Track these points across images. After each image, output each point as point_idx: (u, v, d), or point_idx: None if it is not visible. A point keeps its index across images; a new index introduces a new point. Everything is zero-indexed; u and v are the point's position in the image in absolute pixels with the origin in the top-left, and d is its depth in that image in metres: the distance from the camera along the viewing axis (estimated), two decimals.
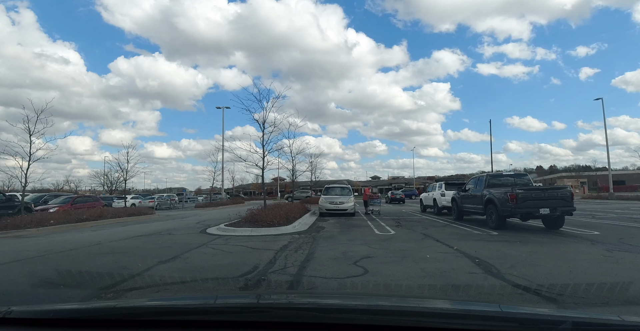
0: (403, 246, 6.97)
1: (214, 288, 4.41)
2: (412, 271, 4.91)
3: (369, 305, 1.55)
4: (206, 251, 6.80)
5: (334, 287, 4.26)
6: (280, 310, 1.38)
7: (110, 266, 5.46)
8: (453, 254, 6.10)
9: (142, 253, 6.68)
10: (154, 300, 2.66)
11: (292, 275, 4.74)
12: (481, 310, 1.44)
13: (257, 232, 9.46)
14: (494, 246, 6.92)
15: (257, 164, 13.23)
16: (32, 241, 8.94)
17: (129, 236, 9.44)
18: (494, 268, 4.94)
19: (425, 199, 18.12)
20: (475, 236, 8.34)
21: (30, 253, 6.85)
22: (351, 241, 7.75)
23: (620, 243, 6.96)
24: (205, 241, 8.20)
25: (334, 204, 15.31)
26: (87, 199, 19.39)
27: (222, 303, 1.64)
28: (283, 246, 7.12)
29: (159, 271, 5.07)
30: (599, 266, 5.08)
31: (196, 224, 12.65)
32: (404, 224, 11.43)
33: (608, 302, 3.53)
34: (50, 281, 4.73)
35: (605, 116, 31.54)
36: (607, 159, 31.70)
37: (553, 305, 3.44)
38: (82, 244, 8.07)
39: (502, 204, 9.28)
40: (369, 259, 5.75)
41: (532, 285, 4.02)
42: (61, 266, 5.56)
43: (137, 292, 4.17)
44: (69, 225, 12.39)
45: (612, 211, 15.65)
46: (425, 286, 4.18)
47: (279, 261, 5.64)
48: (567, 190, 9.43)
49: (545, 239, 7.81)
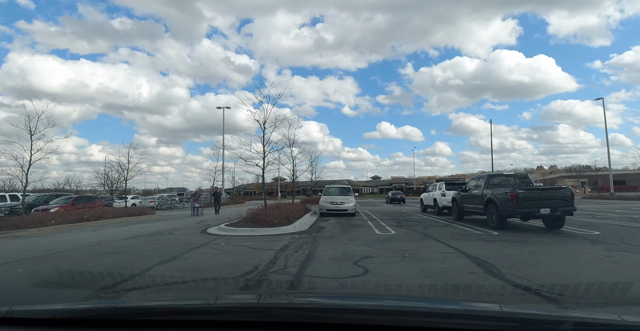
0: (403, 246, 6.96)
1: (215, 288, 4.41)
2: (412, 271, 4.90)
3: (369, 304, 1.55)
4: (207, 251, 6.80)
5: (334, 287, 4.26)
6: (280, 309, 1.38)
7: (111, 266, 5.47)
8: (453, 254, 6.10)
9: (142, 253, 6.68)
10: (155, 300, 2.66)
11: (293, 275, 4.74)
12: (482, 310, 1.44)
13: (258, 232, 9.46)
14: (495, 246, 6.91)
15: (257, 164, 13.22)
16: (33, 241, 8.95)
17: (130, 236, 9.44)
18: (495, 268, 4.93)
19: (425, 199, 18.10)
20: (475, 236, 8.34)
21: (30, 253, 6.86)
22: (351, 241, 7.75)
23: (620, 243, 6.95)
24: (206, 241, 8.20)
25: (335, 205, 15.30)
26: (88, 199, 19.39)
27: (222, 303, 1.64)
28: (283, 246, 7.12)
29: (159, 271, 5.07)
30: (600, 266, 5.07)
31: (196, 224, 12.66)
32: (404, 224, 11.43)
33: (609, 302, 3.52)
34: (51, 281, 4.74)
35: (605, 116, 31.55)
36: (608, 159, 31.76)
37: (554, 305, 3.44)
38: (83, 244, 8.08)
39: (503, 204, 9.27)
40: (369, 259, 5.75)
41: (532, 285, 4.01)
42: (62, 266, 5.56)
43: (137, 292, 4.17)
44: (70, 225, 12.41)
45: (612, 211, 15.64)
46: (425, 286, 4.18)
47: (279, 261, 5.64)
48: (568, 190, 9.41)
49: (546, 239, 7.80)
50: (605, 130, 31.18)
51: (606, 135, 31.27)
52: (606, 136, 31.30)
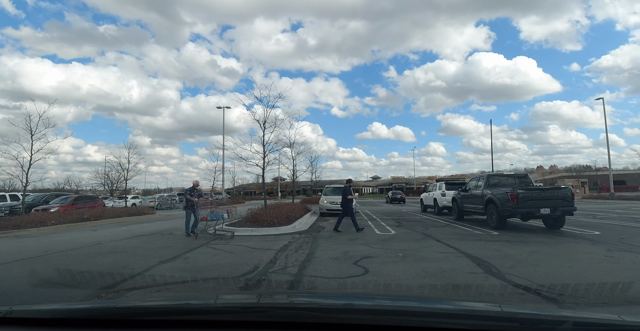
0: (403, 246, 6.96)
1: (215, 287, 4.41)
2: (412, 271, 4.90)
3: (369, 304, 1.55)
4: (207, 251, 6.80)
5: (334, 287, 4.26)
6: (280, 309, 1.38)
7: (111, 265, 5.47)
8: (453, 254, 6.10)
9: (142, 253, 6.68)
10: (155, 299, 2.66)
11: (293, 275, 4.74)
12: (482, 310, 1.44)
13: (258, 232, 9.46)
14: (495, 246, 6.91)
15: (257, 164, 13.23)
16: (33, 240, 8.95)
17: (130, 236, 9.45)
18: (495, 268, 4.93)
19: (425, 199, 18.10)
20: (475, 236, 8.34)
21: (30, 253, 6.86)
22: (352, 241, 7.75)
23: (620, 243, 6.95)
24: (206, 241, 8.20)
25: (335, 204, 15.27)
26: (88, 199, 19.40)
27: (222, 302, 1.64)
28: (283, 246, 7.11)
29: (159, 271, 5.07)
30: (600, 266, 5.07)
31: None
32: (404, 224, 11.42)
33: (609, 302, 3.53)
34: (51, 281, 4.74)
35: (605, 116, 31.55)
36: (608, 159, 31.75)
37: (554, 305, 3.44)
38: (83, 244, 8.08)
39: (503, 204, 9.27)
40: (369, 259, 5.75)
41: (532, 285, 4.01)
42: (62, 265, 5.56)
43: (137, 292, 4.17)
44: (70, 225, 12.41)
45: (612, 211, 15.63)
46: (425, 286, 4.18)
47: (279, 261, 5.64)
48: (568, 190, 9.40)
49: (546, 239, 7.80)
50: (606, 130, 31.24)
51: (606, 135, 31.31)
52: (606, 136, 31.35)
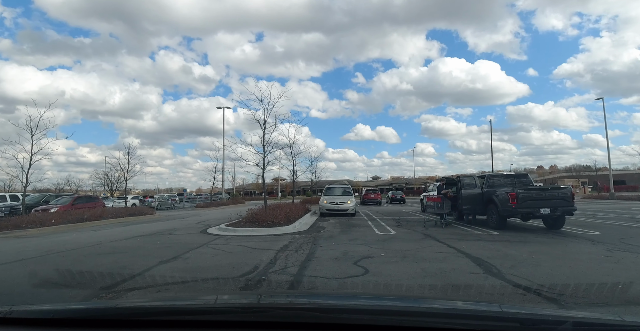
0: (403, 246, 6.96)
1: (215, 288, 4.41)
2: (412, 271, 4.90)
3: (369, 305, 1.55)
4: (207, 251, 6.80)
5: (334, 287, 4.26)
6: (281, 310, 1.38)
7: (111, 266, 5.47)
8: (453, 254, 6.10)
9: (142, 253, 6.68)
10: (155, 300, 2.66)
11: (293, 275, 4.74)
12: (482, 310, 1.44)
13: (258, 232, 9.46)
14: (495, 246, 6.91)
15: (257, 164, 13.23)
16: (33, 241, 8.95)
17: (130, 236, 9.45)
18: (495, 268, 4.93)
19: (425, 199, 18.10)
20: (475, 236, 8.34)
21: (30, 253, 6.86)
22: (352, 241, 7.75)
23: (621, 243, 6.95)
24: (206, 241, 8.20)
25: (335, 205, 15.31)
26: (88, 200, 19.40)
27: (222, 303, 1.64)
28: (283, 246, 7.11)
29: (159, 271, 5.07)
30: (600, 266, 5.07)
31: (197, 224, 12.66)
32: (404, 224, 11.43)
33: (609, 302, 3.53)
34: (51, 281, 4.74)
35: (605, 116, 31.55)
36: (608, 159, 31.76)
37: (554, 305, 3.44)
38: (83, 244, 8.08)
39: (503, 204, 9.27)
40: (369, 259, 5.75)
41: (532, 285, 4.01)
42: (62, 266, 5.56)
43: (137, 292, 4.17)
44: (70, 225, 12.41)
45: (612, 211, 15.63)
46: (425, 286, 4.18)
47: (279, 261, 5.64)
48: (568, 190, 9.40)
49: (546, 239, 7.80)
50: (606, 131, 31.25)
51: (606, 135, 31.31)
52: (606, 136, 31.34)
